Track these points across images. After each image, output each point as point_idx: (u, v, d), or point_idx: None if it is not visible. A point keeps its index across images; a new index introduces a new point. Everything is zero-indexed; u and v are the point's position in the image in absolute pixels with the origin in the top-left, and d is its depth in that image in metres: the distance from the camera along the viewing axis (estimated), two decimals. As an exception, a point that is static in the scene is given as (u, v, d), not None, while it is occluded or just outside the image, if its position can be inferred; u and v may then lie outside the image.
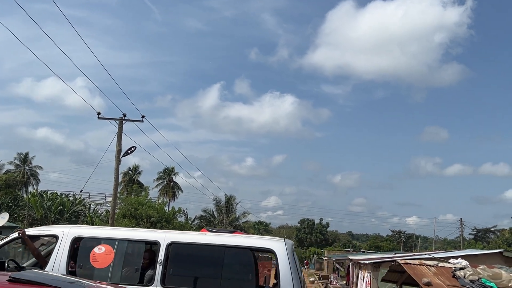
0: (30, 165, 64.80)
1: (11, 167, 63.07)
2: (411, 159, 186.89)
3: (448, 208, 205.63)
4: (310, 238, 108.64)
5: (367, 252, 56.42)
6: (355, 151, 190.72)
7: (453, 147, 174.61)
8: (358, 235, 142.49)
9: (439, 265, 12.62)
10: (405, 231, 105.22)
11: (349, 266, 37.71)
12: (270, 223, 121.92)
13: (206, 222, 70.05)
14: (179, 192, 74.20)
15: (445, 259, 14.08)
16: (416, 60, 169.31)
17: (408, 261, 13.17)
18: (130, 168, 68.87)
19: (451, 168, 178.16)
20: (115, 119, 26.55)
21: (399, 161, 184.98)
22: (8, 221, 27.38)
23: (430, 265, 12.52)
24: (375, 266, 19.44)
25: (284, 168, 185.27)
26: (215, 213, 78.82)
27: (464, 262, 12.68)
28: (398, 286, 15.68)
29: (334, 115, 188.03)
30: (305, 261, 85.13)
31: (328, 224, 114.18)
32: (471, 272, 11.33)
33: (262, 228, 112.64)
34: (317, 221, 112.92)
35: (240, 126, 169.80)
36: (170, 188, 72.04)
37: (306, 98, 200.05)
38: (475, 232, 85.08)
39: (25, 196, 52.17)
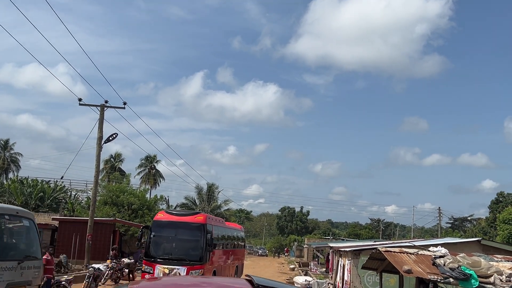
0: (11, 152, 63.66)
1: (-9, 154, 61.90)
2: (391, 149, 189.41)
3: (426, 197, 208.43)
4: (291, 226, 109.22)
5: (347, 240, 56.80)
6: (336, 140, 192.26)
7: (432, 138, 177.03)
8: (337, 223, 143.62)
9: (419, 253, 12.62)
10: (384, 220, 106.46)
11: (329, 253, 37.88)
12: (251, 211, 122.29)
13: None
14: (161, 179, 73.86)
15: (425, 247, 14.11)
16: (397, 51, 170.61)
17: (388, 249, 13.14)
18: (112, 155, 68.23)
19: (430, 158, 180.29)
20: (96, 106, 26.12)
21: (379, 151, 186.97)
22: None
23: (410, 253, 12.50)
24: (355, 253, 19.46)
25: (266, 157, 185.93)
26: (196, 201, 78.49)
27: (443, 250, 12.68)
28: (378, 274, 15.70)
29: (316, 105, 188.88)
30: (285, 249, 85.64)
31: (308, 212, 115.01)
32: (451, 260, 11.32)
33: (243, 216, 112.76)
34: (297, 209, 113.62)
35: (223, 114, 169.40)
36: (152, 175, 71.55)
37: (288, 87, 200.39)
38: (452, 221, 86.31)
39: (5, 183, 51.25)
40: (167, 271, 18.70)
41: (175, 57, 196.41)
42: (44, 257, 19.85)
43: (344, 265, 20.77)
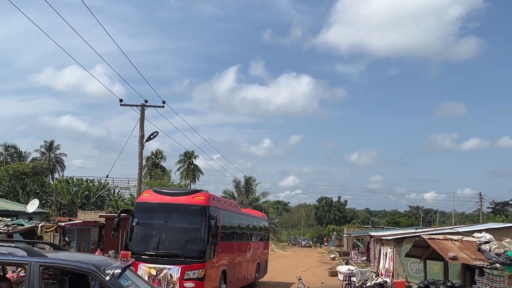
0: (55, 153, 65.77)
1: (37, 155, 64.12)
2: (428, 135, 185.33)
3: (466, 183, 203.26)
4: (329, 216, 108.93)
5: (386, 228, 56.33)
6: (371, 128, 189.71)
7: (470, 122, 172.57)
8: (376, 211, 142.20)
9: (464, 239, 12.62)
10: (423, 207, 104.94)
11: (369, 242, 37.79)
12: (288, 202, 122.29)
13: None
14: (200, 174, 74.82)
15: (469, 233, 14.05)
16: (431, 35, 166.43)
17: (432, 236, 13.17)
18: (153, 152, 69.48)
19: (468, 143, 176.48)
20: (137, 106, 26.71)
21: (415, 137, 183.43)
22: (38, 207, 27.86)
23: (454, 240, 12.52)
24: (398, 242, 19.45)
25: (301, 148, 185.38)
26: (235, 194, 79.29)
27: (488, 236, 12.63)
28: (422, 261, 15.71)
29: (350, 94, 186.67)
30: (324, 238, 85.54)
31: (346, 201, 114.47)
32: (497, 245, 11.29)
33: (281, 208, 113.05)
34: (335, 199, 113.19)
35: (257, 108, 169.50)
36: (191, 171, 72.56)
37: (321, 78, 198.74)
38: (493, 206, 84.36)
39: (52, 183, 53.02)
40: (154, 272, 14.18)
41: (208, 53, 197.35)
42: (96, 253, 20.65)
43: (386, 253, 20.78)
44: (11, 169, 47.80)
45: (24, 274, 13.41)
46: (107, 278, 5.56)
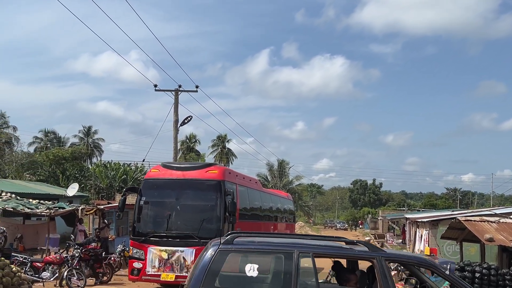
0: (93, 138, 67.38)
1: (76, 140, 65.82)
2: (465, 115, 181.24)
3: (506, 164, 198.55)
4: (364, 199, 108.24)
5: (422, 210, 55.65)
6: (407, 109, 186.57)
7: (511, 101, 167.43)
8: (412, 194, 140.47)
9: (501, 221, 12.44)
10: (461, 189, 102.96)
11: (404, 224, 37.48)
12: (322, 185, 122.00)
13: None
14: (233, 158, 75.32)
15: (507, 215, 13.83)
16: (470, 12, 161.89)
17: (468, 218, 13.03)
18: (187, 136, 70.30)
19: (508, 123, 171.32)
20: (171, 90, 27.07)
21: (453, 118, 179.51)
22: (77, 191, 28.75)
23: (491, 221, 12.36)
24: (433, 224, 19.29)
25: (335, 131, 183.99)
26: (268, 177, 79.65)
27: (527, 218, 12.41)
28: (458, 243, 15.55)
29: (384, 75, 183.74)
30: (359, 221, 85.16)
31: (381, 184, 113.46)
32: (535, 227, 11.10)
33: (314, 191, 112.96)
34: (370, 181, 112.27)
35: (290, 90, 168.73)
36: (224, 154, 73.11)
37: (355, 59, 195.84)
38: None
39: (90, 167, 54.43)
40: (165, 255, 13.07)
41: (240, 36, 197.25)
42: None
43: (421, 236, 20.64)
44: (51, 154, 49.25)
45: (65, 255, 13.99)
46: (447, 272, 6.23)
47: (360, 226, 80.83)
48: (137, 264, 13.27)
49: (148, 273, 13.15)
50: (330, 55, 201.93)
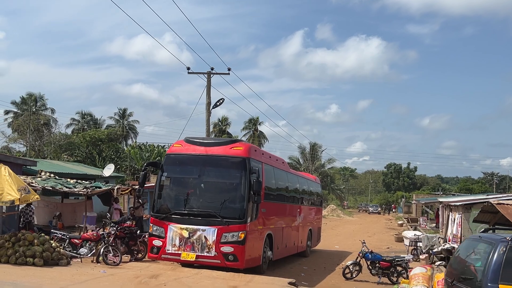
0: (128, 120, 68.60)
1: (112, 122, 67.21)
2: (506, 98, 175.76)
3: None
4: (397, 182, 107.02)
5: (458, 194, 54.76)
6: (444, 92, 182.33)
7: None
8: (447, 178, 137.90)
9: (535, 205, 12.21)
10: (498, 173, 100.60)
11: (438, 208, 37.01)
12: (355, 169, 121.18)
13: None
14: (265, 141, 75.53)
15: (542, 199, 13.57)
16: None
17: (501, 201, 12.85)
18: (219, 119, 70.85)
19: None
20: (203, 73, 27.31)
21: (492, 101, 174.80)
22: (113, 171, 29.49)
23: (525, 205, 12.15)
24: (466, 207, 19.03)
25: (369, 114, 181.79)
26: (300, 160, 79.64)
27: (562, 202, 12.17)
28: (491, 227, 15.36)
29: (421, 56, 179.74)
30: (392, 205, 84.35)
31: (416, 168, 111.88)
32: None
33: (347, 174, 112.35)
34: (404, 165, 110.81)
35: (324, 72, 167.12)
36: (256, 137, 73.35)
37: (391, 39, 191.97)
38: None
39: (125, 149, 55.60)
40: (186, 233, 12.68)
41: (274, 18, 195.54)
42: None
43: (454, 219, 20.43)
44: (87, 135, 50.53)
45: (102, 233, 14.48)
46: None
47: (393, 210, 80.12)
48: (157, 242, 13.02)
49: (168, 251, 12.83)
50: (366, 36, 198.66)
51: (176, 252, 12.73)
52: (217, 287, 10.75)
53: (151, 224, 13.45)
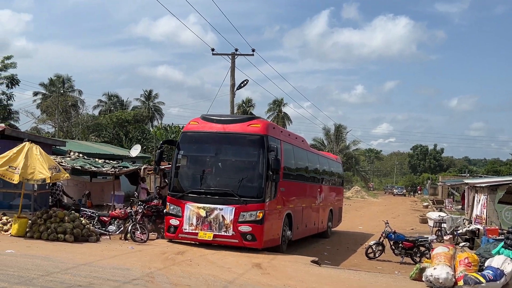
0: (154, 101, 69.28)
1: (138, 104, 67.98)
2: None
3: None
4: (423, 164, 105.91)
5: (485, 176, 54.00)
6: (473, 72, 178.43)
7: None
8: (475, 160, 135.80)
9: (562, 186, 12.09)
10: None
11: (464, 190, 36.64)
12: (381, 151, 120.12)
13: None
14: (289, 122, 75.42)
15: None
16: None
17: (527, 182, 12.75)
18: (243, 100, 70.90)
19: None
20: (227, 54, 27.41)
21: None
22: (140, 152, 29.94)
23: (551, 186, 12.04)
24: (492, 188, 18.90)
25: (396, 95, 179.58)
26: (325, 142, 79.41)
27: None
28: (517, 208, 15.26)
29: (450, 36, 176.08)
30: (418, 187, 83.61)
31: (442, 150, 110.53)
32: None
33: (373, 156, 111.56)
34: (431, 147, 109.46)
35: (349, 53, 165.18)
36: (280, 119, 73.30)
37: (420, 19, 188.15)
38: None
39: (151, 130, 56.23)
40: (203, 212, 12.60)
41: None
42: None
43: (479, 200, 20.28)
44: (114, 117, 51.26)
45: (129, 211, 14.84)
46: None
47: (419, 192, 79.42)
48: (174, 221, 13.01)
49: (185, 231, 12.77)
50: (393, 15, 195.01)
51: (193, 231, 12.68)
52: (241, 263, 11.00)
53: (168, 203, 13.43)
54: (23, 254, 10.54)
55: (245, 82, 28.05)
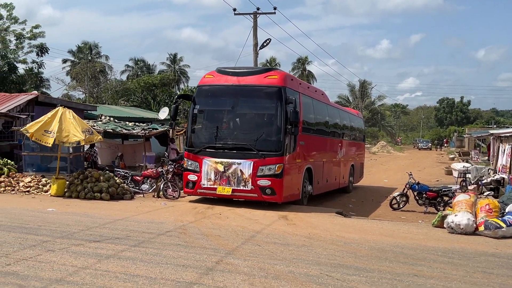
0: (179, 65, 69.50)
1: (164, 67, 68.32)
2: None
3: None
4: (450, 117, 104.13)
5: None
6: (503, 22, 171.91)
7: None
8: (503, 111, 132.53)
9: None
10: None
11: (490, 141, 36.18)
12: (407, 105, 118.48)
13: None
14: (314, 80, 74.77)
15: None
16: None
17: (551, 129, 12.60)
18: (267, 60, 70.44)
19: None
20: (249, 14, 27.22)
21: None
22: (168, 114, 30.33)
23: None
24: (517, 138, 18.67)
25: (422, 48, 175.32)
26: (350, 99, 78.73)
27: None
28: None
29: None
30: (444, 140, 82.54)
31: (469, 102, 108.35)
32: None
33: (399, 111, 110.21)
34: (457, 100, 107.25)
35: (374, 6, 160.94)
36: (305, 77, 72.72)
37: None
38: None
39: (178, 93, 56.64)
40: (221, 167, 12.44)
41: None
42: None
43: (504, 150, 20.09)
44: (142, 81, 51.78)
45: (160, 170, 15.27)
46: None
47: (446, 145, 78.47)
48: (192, 177, 12.87)
49: (204, 186, 12.64)
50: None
51: (212, 186, 12.55)
52: (268, 215, 11.34)
53: (185, 159, 13.31)
54: (63, 212, 11.12)
55: (267, 41, 27.90)
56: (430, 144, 78.06)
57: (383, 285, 6.01)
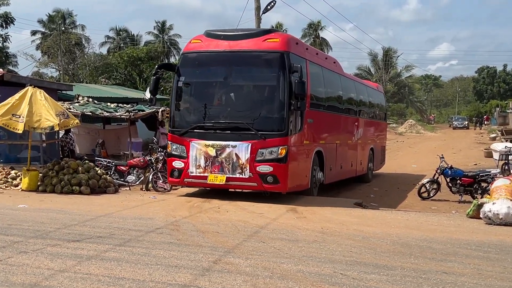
0: (169, 34, 69.46)
1: (151, 38, 68.32)
2: None
3: None
4: (491, 90, 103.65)
5: None
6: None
7: None
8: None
9: None
10: None
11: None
12: (440, 76, 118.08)
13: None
14: (328, 49, 74.54)
15: None
16: None
17: None
18: (272, 26, 70.13)
19: None
20: (250, -29, 27.09)
21: None
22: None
23: None
24: None
25: (457, 8, 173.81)
26: (371, 70, 78.52)
27: None
28: None
29: None
30: (484, 116, 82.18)
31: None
32: None
33: (430, 83, 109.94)
34: (500, 68, 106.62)
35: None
36: (318, 45, 72.47)
37: None
38: None
39: (168, 68, 56.72)
40: (212, 151, 11.95)
41: None
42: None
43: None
44: (125, 55, 51.81)
45: (149, 158, 15.39)
46: None
47: (486, 123, 78.12)
48: (177, 164, 12.39)
49: (192, 174, 12.22)
50: None
51: (202, 174, 12.11)
52: (274, 208, 11.48)
53: (169, 142, 12.80)
54: (37, 208, 11.32)
55: (272, 3, 27.78)
56: (466, 122, 76.59)
57: (406, 284, 6.14)
